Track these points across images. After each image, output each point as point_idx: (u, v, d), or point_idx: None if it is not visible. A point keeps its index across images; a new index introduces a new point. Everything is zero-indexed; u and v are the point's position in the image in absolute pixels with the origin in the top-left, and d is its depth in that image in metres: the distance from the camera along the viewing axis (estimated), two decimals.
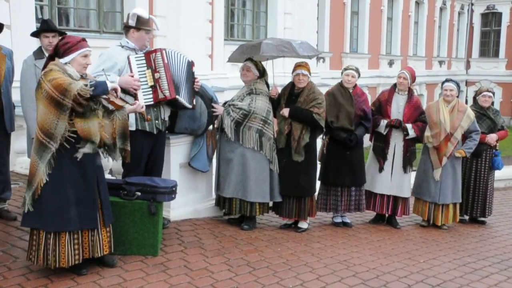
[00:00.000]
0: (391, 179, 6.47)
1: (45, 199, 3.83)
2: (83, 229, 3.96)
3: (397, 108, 6.40)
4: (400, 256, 5.40)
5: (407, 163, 6.45)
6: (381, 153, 6.47)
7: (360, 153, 6.29)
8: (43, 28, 5.10)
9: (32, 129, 4.99)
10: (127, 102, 4.20)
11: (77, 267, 4.01)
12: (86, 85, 3.77)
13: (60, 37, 5.10)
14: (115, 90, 3.94)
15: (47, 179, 3.82)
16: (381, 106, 6.45)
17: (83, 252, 3.99)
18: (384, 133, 6.40)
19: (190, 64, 5.07)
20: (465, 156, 6.65)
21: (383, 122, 6.36)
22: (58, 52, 3.96)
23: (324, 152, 6.24)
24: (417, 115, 6.41)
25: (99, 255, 4.08)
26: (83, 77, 4.01)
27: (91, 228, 3.99)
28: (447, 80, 6.78)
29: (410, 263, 5.19)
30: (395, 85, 6.53)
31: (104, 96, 3.90)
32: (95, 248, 4.03)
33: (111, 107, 4.00)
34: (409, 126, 6.34)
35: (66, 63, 3.94)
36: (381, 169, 6.47)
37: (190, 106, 5.10)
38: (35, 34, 5.17)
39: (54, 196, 3.84)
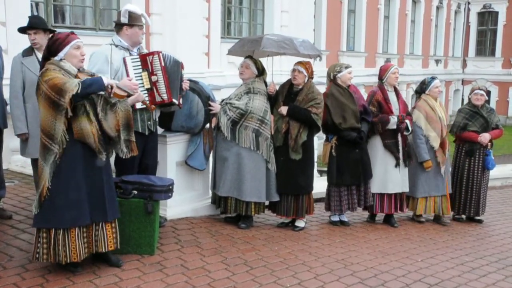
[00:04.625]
0: (401, 176, 6.46)
1: (54, 197, 3.83)
2: (94, 222, 3.97)
3: (394, 105, 6.40)
4: (398, 255, 5.38)
5: (406, 156, 6.47)
6: (396, 149, 6.38)
7: (366, 148, 6.27)
8: (26, 25, 5.06)
9: (16, 127, 5.04)
10: (128, 93, 4.13)
11: (73, 265, 4.00)
12: (78, 83, 3.71)
13: (45, 34, 5.07)
14: (111, 86, 3.89)
15: (56, 179, 3.82)
16: (382, 106, 6.34)
17: (89, 245, 4.00)
18: (396, 128, 6.30)
19: (180, 65, 5.04)
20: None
21: (393, 119, 6.26)
22: (51, 51, 3.92)
23: (333, 154, 6.13)
24: (406, 110, 6.50)
25: (104, 250, 4.05)
26: (80, 71, 3.98)
27: (102, 221, 4.00)
28: (433, 78, 6.82)
29: (407, 262, 5.17)
30: (381, 82, 6.46)
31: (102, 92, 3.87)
32: (99, 243, 4.02)
33: (113, 99, 3.97)
34: (407, 122, 6.38)
35: (61, 60, 3.90)
36: (397, 165, 6.39)
37: (177, 103, 5.05)
38: (22, 32, 5.14)
39: (63, 193, 3.85)
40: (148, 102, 4.57)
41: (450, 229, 6.76)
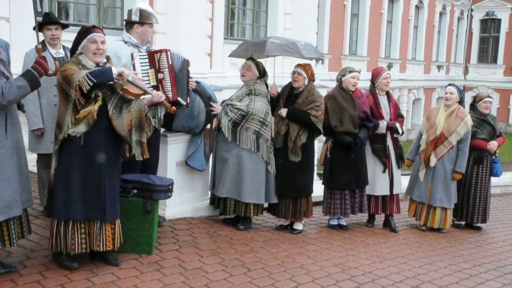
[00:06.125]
0: (394, 179, 6.51)
1: (55, 189, 3.95)
2: (89, 219, 3.97)
3: (384, 109, 6.43)
4: (396, 260, 5.38)
5: (398, 158, 6.53)
6: (383, 154, 6.44)
7: (362, 154, 6.27)
8: (46, 20, 5.07)
9: (31, 122, 5.01)
10: (145, 91, 4.04)
11: (69, 260, 4.02)
12: (88, 74, 3.72)
13: (61, 30, 5.11)
14: (121, 75, 3.84)
15: (58, 171, 3.93)
16: (372, 111, 6.35)
17: (90, 242, 4.00)
18: (385, 132, 6.39)
19: (186, 63, 5.04)
20: (462, 176, 6.73)
21: (383, 123, 6.32)
22: (75, 44, 4.01)
23: (327, 156, 6.17)
24: (398, 112, 6.56)
25: (100, 250, 4.04)
26: (99, 65, 3.97)
27: (98, 220, 3.98)
28: (449, 85, 6.84)
29: (405, 268, 5.17)
30: (373, 86, 6.49)
31: (118, 87, 3.86)
32: (97, 241, 4.00)
33: (127, 96, 3.95)
34: (397, 125, 6.44)
35: (80, 54, 3.97)
36: (385, 169, 6.44)
37: (185, 104, 5.06)
38: (38, 28, 5.13)
39: (61, 186, 3.92)
40: (167, 103, 4.41)
41: (449, 236, 6.76)
